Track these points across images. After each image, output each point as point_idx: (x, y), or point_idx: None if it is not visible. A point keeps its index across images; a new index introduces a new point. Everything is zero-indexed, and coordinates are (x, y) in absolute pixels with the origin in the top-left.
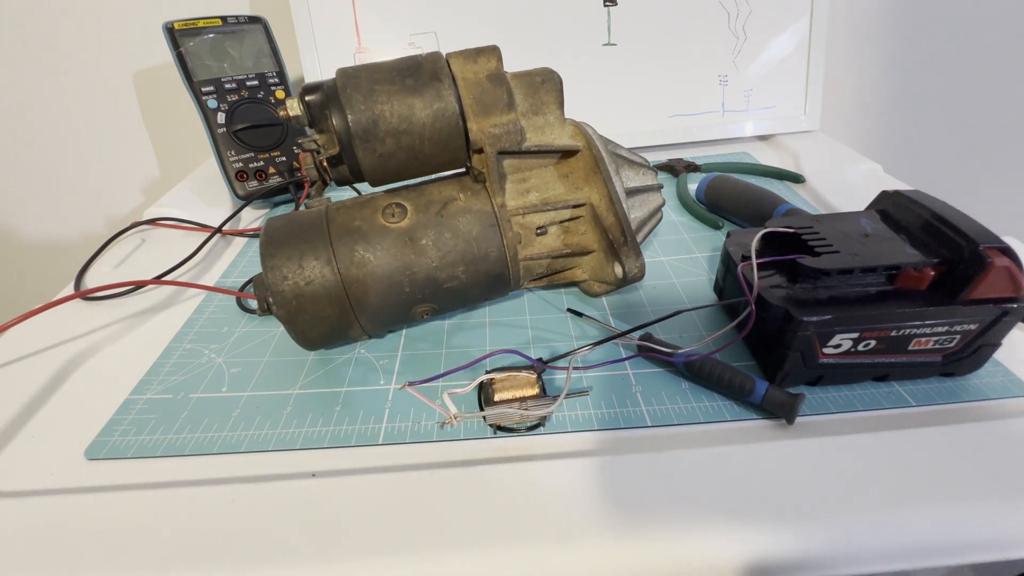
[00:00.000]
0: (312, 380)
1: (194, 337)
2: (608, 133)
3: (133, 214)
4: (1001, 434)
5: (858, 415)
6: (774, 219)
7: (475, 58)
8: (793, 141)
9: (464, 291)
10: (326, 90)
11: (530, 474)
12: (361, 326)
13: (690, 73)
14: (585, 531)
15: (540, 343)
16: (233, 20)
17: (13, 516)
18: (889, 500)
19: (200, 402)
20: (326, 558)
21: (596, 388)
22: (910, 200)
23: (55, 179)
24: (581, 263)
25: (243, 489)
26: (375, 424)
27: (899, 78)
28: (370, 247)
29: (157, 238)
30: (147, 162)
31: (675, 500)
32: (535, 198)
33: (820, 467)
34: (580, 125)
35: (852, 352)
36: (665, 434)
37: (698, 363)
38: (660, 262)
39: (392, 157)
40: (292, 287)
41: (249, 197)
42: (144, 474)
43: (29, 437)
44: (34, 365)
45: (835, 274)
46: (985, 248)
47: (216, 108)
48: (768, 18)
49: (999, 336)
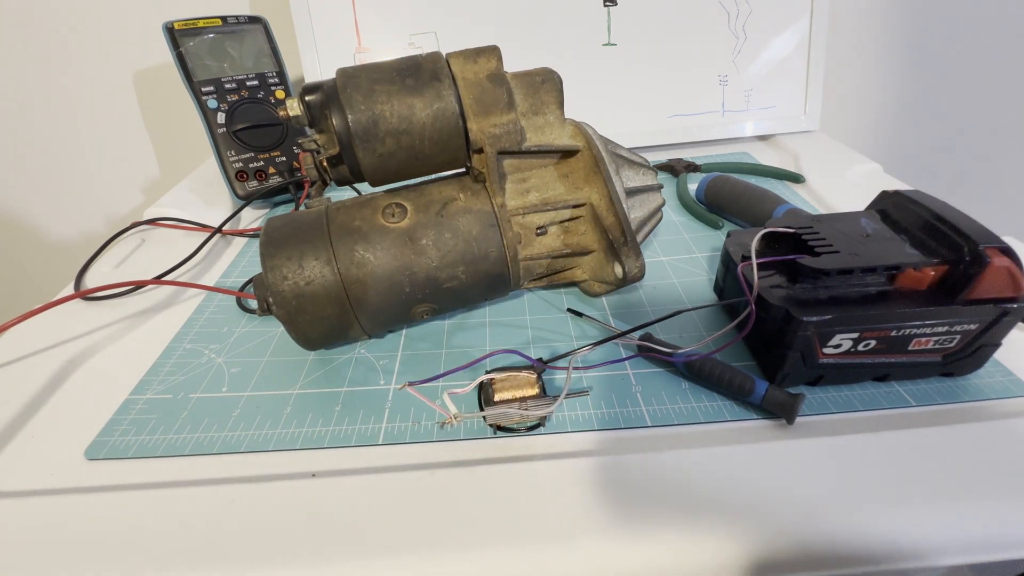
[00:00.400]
0: (312, 380)
1: (194, 337)
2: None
3: (133, 214)
4: (1001, 434)
5: (858, 415)
6: (774, 219)
7: (475, 58)
8: (793, 141)
9: (464, 291)
10: (326, 90)
11: (530, 474)
12: (361, 326)
13: (690, 73)
14: (585, 531)
15: (540, 343)
16: (233, 20)
17: (13, 516)
18: (889, 500)
19: (200, 402)
20: (326, 558)
21: (596, 388)
22: (910, 200)
23: (55, 179)
24: (581, 263)
25: (243, 489)
26: (375, 424)
27: (899, 78)
28: (370, 247)
29: (157, 238)
30: (147, 162)
31: (675, 500)
32: (535, 198)
33: (820, 467)
34: (580, 125)
35: (852, 352)
36: (665, 434)
37: (698, 363)
38: (660, 262)
39: (392, 157)
40: (292, 287)
41: (249, 197)
42: (144, 474)
43: (29, 437)
44: (34, 365)
45: (835, 274)
46: (985, 248)
47: (216, 108)
48: (768, 18)
49: (999, 336)
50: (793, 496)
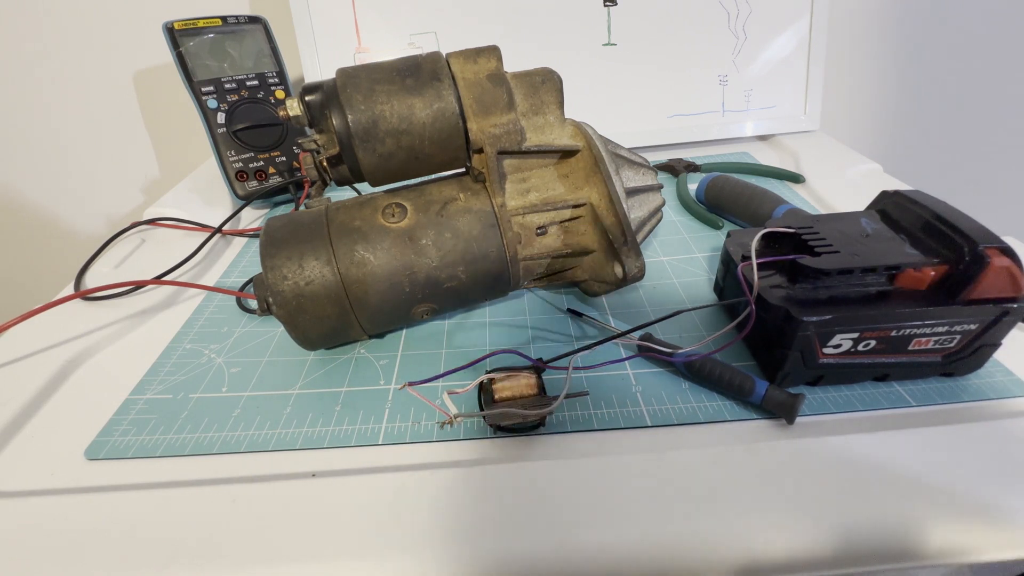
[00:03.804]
0: (312, 380)
1: (194, 337)
2: (608, 133)
3: (133, 214)
4: (1001, 434)
5: (858, 415)
6: (774, 219)
7: (475, 58)
8: (793, 141)
9: (464, 291)
10: (326, 90)
11: (530, 474)
12: (361, 326)
13: (690, 73)
14: (585, 531)
15: (540, 343)
16: (233, 20)
17: (13, 516)
18: (889, 500)
19: (200, 402)
20: (326, 558)
21: (596, 388)
22: (910, 200)
23: (55, 179)
24: (581, 263)
25: (243, 489)
26: (375, 424)
27: (899, 78)
28: (370, 247)
29: (157, 238)
30: (147, 162)
31: (675, 500)
32: (535, 198)
33: (820, 467)
34: (580, 125)
35: (852, 352)
36: (665, 434)
37: (698, 363)
38: (660, 262)
39: (392, 157)
40: (292, 287)
41: (249, 197)
42: (144, 474)
43: (29, 437)
44: (34, 365)
45: (835, 274)
46: (985, 248)
47: (216, 108)
48: (768, 18)
49: (999, 336)
50: (793, 496)
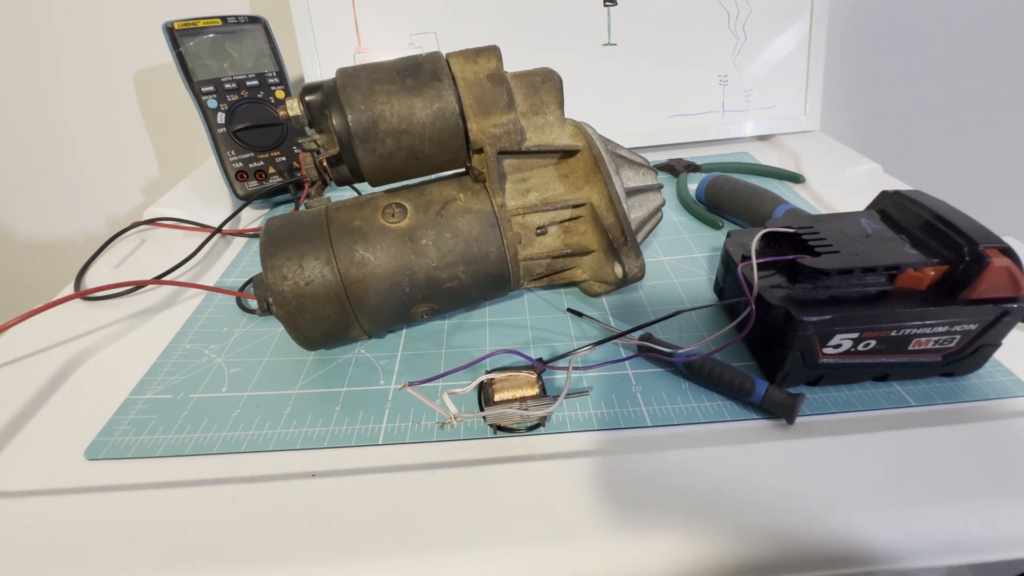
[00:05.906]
0: (312, 380)
1: (194, 337)
2: (608, 133)
3: (133, 214)
4: (1001, 434)
5: (858, 415)
6: (774, 219)
7: (475, 58)
8: (793, 141)
9: (464, 291)
10: (326, 90)
11: (530, 474)
12: (361, 326)
13: (690, 73)
14: (585, 531)
15: (540, 343)
16: (233, 20)
17: (13, 516)
18: (889, 500)
19: (200, 402)
20: (326, 558)
21: (596, 388)
22: (910, 200)
23: (55, 179)
24: (581, 263)
25: (243, 489)
26: (375, 424)
27: (899, 78)
28: (370, 247)
29: (157, 238)
30: (147, 162)
31: (675, 500)
32: (535, 198)
33: (820, 467)
34: (580, 125)
35: (852, 352)
36: (665, 434)
37: (698, 363)
38: (660, 262)
39: (392, 157)
40: (292, 287)
41: (249, 197)
42: (144, 474)
43: (29, 437)
44: (34, 365)
45: (835, 274)
46: (985, 248)
47: (216, 108)
48: (768, 18)
49: (999, 336)
50: (793, 496)
